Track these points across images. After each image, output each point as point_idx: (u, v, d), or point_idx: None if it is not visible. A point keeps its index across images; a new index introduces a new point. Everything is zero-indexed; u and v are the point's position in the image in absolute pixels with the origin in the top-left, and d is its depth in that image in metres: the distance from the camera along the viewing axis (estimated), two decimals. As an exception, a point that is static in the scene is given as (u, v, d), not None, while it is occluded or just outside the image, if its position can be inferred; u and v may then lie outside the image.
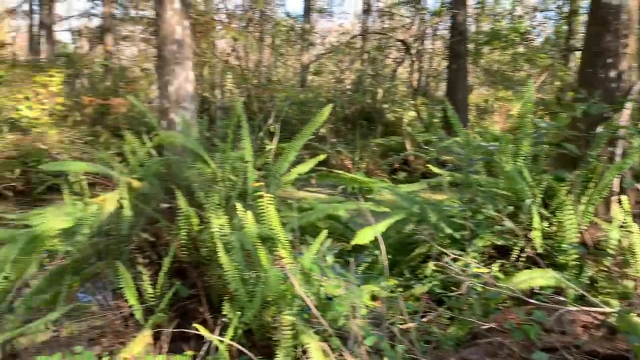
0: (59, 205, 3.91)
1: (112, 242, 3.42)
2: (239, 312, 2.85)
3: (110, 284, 3.50)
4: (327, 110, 4.00)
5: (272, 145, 10.45)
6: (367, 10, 19.17)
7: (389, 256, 3.38)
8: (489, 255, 3.58)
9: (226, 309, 3.02)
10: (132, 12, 21.51)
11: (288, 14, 20.04)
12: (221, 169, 3.84)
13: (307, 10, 18.85)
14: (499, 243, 3.51)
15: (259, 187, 3.21)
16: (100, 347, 3.10)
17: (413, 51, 15.13)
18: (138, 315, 3.18)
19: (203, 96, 12.70)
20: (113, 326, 3.26)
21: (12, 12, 23.64)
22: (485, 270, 3.11)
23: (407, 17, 18.04)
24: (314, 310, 2.37)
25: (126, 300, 3.28)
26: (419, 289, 3.36)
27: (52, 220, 3.48)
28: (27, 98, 9.87)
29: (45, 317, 2.92)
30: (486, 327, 2.76)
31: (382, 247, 2.85)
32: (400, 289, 3.20)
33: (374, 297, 3.18)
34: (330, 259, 3.20)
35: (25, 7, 21.51)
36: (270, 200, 3.12)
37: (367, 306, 2.86)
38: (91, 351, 2.97)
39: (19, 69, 10.93)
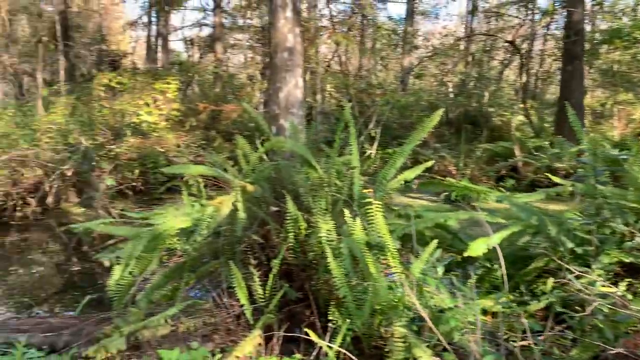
0: (177, 206, 4.15)
1: (225, 242, 3.55)
2: (348, 319, 2.83)
3: (222, 283, 3.63)
4: (437, 115, 3.89)
5: (372, 150, 10.44)
6: (472, 11, 18.56)
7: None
8: (615, 274, 3.29)
9: (334, 314, 3.02)
10: (240, 21, 22.51)
11: (390, 18, 19.92)
12: (327, 174, 3.86)
13: (410, 13, 18.62)
14: (627, 260, 3.21)
15: (368, 194, 3.18)
16: (212, 344, 3.22)
17: (522, 52, 14.40)
18: (248, 314, 3.28)
19: (305, 101, 12.97)
20: (225, 324, 3.39)
21: (132, 24, 25.69)
22: (613, 289, 2.86)
23: (516, 17, 17.22)
24: (430, 324, 2.30)
25: (237, 299, 3.40)
26: (535, 305, 3.16)
27: (172, 219, 3.70)
28: (146, 104, 10.66)
29: (165, 311, 3.10)
30: (614, 352, 2.53)
31: (502, 260, 2.71)
32: (514, 305, 3.03)
33: (484, 312, 3.04)
34: (440, 269, 3.11)
35: (145, 19, 23.25)
36: (378, 207, 3.08)
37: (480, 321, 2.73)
38: (205, 347, 3.12)
39: (140, 77, 11.83)
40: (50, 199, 8.68)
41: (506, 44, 15.41)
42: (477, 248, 3.13)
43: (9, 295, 5.29)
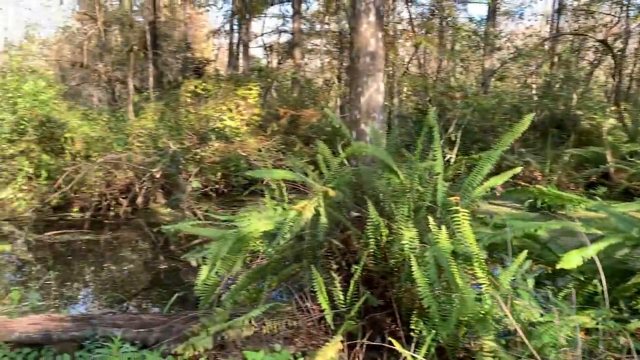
0: (260, 209, 4.24)
1: (307, 246, 3.58)
2: (432, 330, 2.76)
3: (304, 286, 3.67)
4: (527, 119, 3.72)
5: (452, 155, 10.17)
6: (559, 10, 17.67)
7: (598, 284, 3.01)
8: None
9: (417, 324, 2.96)
10: (318, 27, 22.78)
11: (470, 19, 19.38)
12: (410, 179, 3.80)
13: (492, 13, 18.01)
14: None
15: (454, 201, 3.09)
16: (294, 347, 3.26)
17: (615, 52, 13.51)
18: (329, 319, 3.29)
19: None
20: (306, 327, 3.41)
21: (216, 32, 26.71)
22: None
23: (608, 14, 16.21)
24: (524, 338, 2.19)
25: (318, 303, 3.42)
26: (635, 323, 2.93)
27: (255, 222, 3.78)
28: (229, 109, 11.03)
29: (249, 313, 3.16)
30: None
31: (602, 274, 2.54)
32: (613, 322, 2.83)
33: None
34: (530, 281, 2.97)
35: (227, 27, 24.09)
36: (465, 215, 2.99)
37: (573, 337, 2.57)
38: (287, 350, 3.15)
39: (223, 84, 12.26)
40: (140, 200, 9.19)
41: (597, 44, 14.53)
42: (571, 260, 2.95)
43: (102, 290, 5.64)
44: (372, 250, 3.51)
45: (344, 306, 3.36)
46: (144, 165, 8.89)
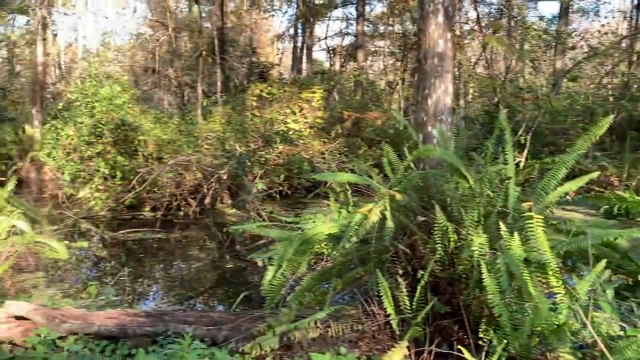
0: (325, 211, 4.27)
1: (372, 250, 3.56)
2: (503, 339, 2.67)
3: (369, 290, 3.64)
4: (606, 121, 3.53)
5: (521, 158, 9.81)
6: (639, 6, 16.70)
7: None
8: None
9: (486, 333, 2.87)
10: (381, 28, 22.67)
11: (541, 17, 18.67)
12: (479, 184, 3.69)
13: (565, 10, 17.27)
14: None
15: (527, 207, 2.98)
16: (359, 351, 3.24)
17: None
18: (394, 324, 3.25)
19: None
20: (371, 331, 3.39)
21: (280, 36, 27.18)
22: None
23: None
24: (607, 353, 2.07)
25: (383, 308, 3.39)
26: None
27: (321, 225, 3.81)
28: (293, 113, 11.17)
29: (315, 314, 3.18)
30: None
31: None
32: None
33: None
34: (609, 292, 2.81)
35: (291, 31, 24.46)
36: (539, 222, 2.87)
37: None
38: (352, 353, 3.14)
39: (288, 87, 12.44)
40: (207, 200, 9.48)
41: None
42: (656, 272, 2.77)
43: (172, 286, 5.85)
44: (439, 255, 3.44)
45: (409, 312, 3.31)
46: (212, 167, 9.16)
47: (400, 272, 3.65)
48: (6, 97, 20.55)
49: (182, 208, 9.25)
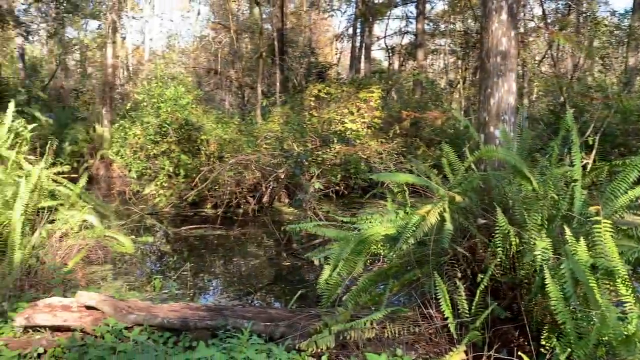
0: (382, 212, 4.25)
1: (430, 252, 3.52)
2: (567, 347, 2.57)
3: (426, 293, 3.60)
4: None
5: (589, 160, 9.38)
6: None
7: None
8: None
9: (549, 340, 2.78)
10: (442, 27, 22.29)
11: (613, 12, 17.75)
12: (543, 186, 3.57)
13: (638, 5, 16.33)
14: None
15: (594, 211, 2.85)
16: (415, 353, 3.21)
17: None
18: (452, 328, 3.20)
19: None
20: (428, 334, 3.35)
21: (338, 36, 27.26)
22: None
23: None
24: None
25: (441, 311, 3.34)
26: None
27: (377, 226, 3.80)
28: (351, 112, 11.17)
29: (371, 315, 3.17)
30: None
31: None
32: None
33: None
34: (686, 304, 2.65)
35: (349, 31, 24.48)
36: (608, 227, 2.74)
37: None
38: (408, 355, 3.12)
39: (345, 87, 12.45)
40: (266, 199, 9.66)
41: None
42: None
43: (230, 282, 6.00)
44: (500, 259, 3.35)
45: (468, 316, 3.25)
46: (271, 166, 9.32)
47: (459, 275, 3.58)
48: (79, 97, 21.75)
49: (242, 206, 9.48)
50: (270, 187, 9.50)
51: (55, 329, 3.45)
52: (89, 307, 3.55)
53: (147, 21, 29.02)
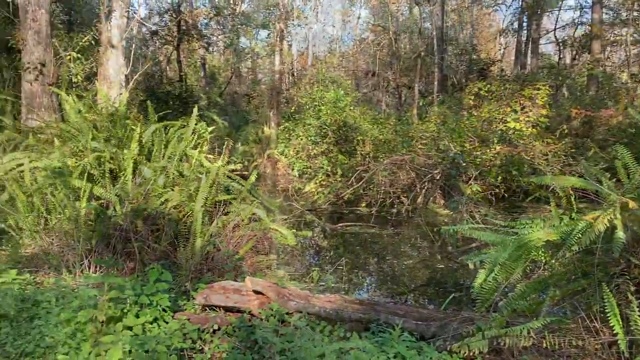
0: (544, 217, 4.02)
1: (598, 262, 3.25)
2: None
3: (590, 305, 3.34)
4: None
5: None
6: None
7: None
8: None
9: None
10: (624, 15, 20.03)
11: None
12: None
13: None
14: None
15: None
16: (578, 368, 3.01)
17: None
18: (622, 345, 2.93)
19: None
20: (594, 350, 3.11)
21: (503, 31, 25.91)
22: None
23: None
24: None
25: (609, 326, 3.07)
26: None
27: (539, 231, 3.61)
28: (514, 111, 10.60)
29: (528, 323, 3.04)
30: None
31: None
32: None
33: None
34: None
35: (515, 25, 23.13)
36: None
37: None
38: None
39: (508, 84, 11.84)
40: (420, 199, 9.62)
41: None
42: None
43: (384, 280, 6.11)
44: (684, 274, 2.98)
45: (642, 334, 2.94)
46: (425, 166, 9.26)
47: (632, 288, 3.25)
48: (250, 102, 23.74)
49: (396, 206, 9.57)
50: (425, 187, 9.44)
51: (227, 309, 3.87)
52: (256, 292, 3.91)
53: (311, 28, 30.54)
